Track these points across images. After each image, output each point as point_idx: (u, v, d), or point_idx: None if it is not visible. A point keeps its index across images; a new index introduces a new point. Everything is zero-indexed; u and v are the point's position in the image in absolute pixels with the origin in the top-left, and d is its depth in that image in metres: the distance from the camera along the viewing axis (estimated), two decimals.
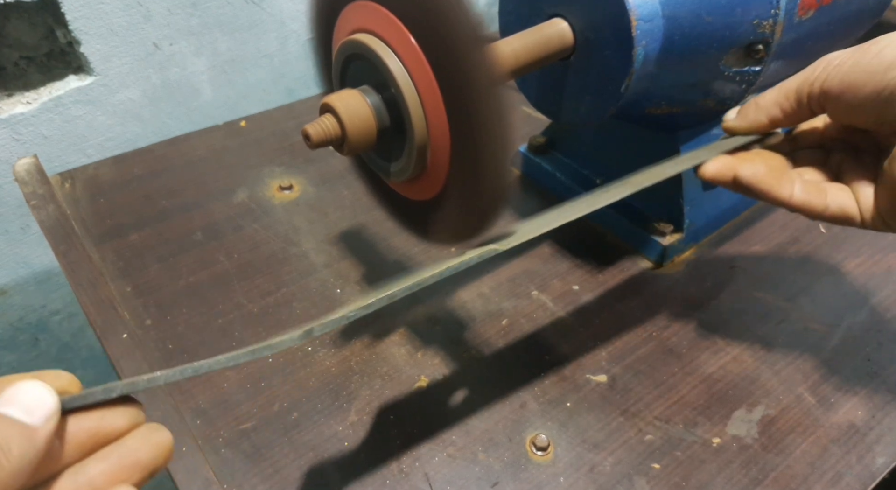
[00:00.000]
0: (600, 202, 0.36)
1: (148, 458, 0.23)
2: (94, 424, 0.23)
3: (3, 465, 0.20)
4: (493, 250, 0.32)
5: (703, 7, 0.39)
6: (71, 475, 0.22)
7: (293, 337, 0.27)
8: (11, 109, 0.65)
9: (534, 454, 0.40)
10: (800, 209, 0.36)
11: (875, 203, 0.35)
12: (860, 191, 0.36)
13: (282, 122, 0.69)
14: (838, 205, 0.36)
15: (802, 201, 0.36)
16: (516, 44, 0.39)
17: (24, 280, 0.76)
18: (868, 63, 0.33)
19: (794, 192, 0.36)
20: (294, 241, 0.55)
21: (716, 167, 0.37)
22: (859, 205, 0.36)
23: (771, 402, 0.43)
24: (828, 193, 0.36)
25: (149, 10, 0.68)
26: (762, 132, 0.39)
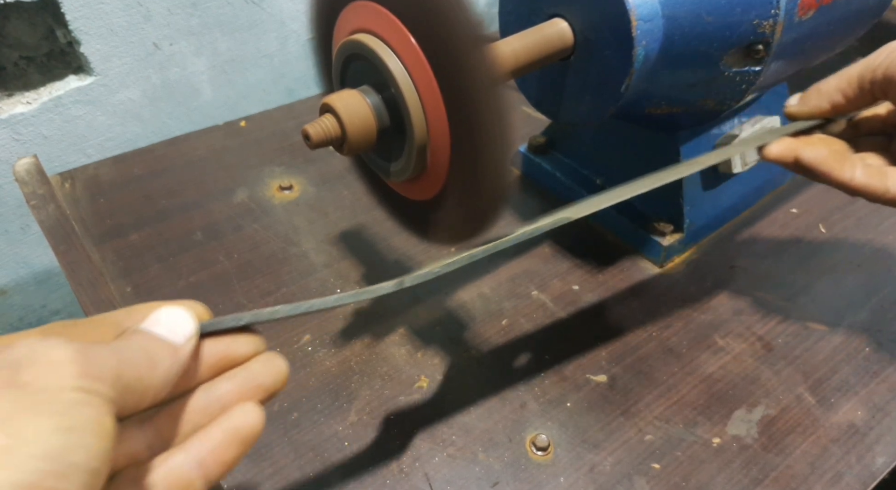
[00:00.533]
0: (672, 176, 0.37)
1: (269, 381, 0.26)
2: (224, 348, 0.26)
3: (152, 375, 0.22)
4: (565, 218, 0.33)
5: (703, 7, 0.39)
6: (204, 391, 0.25)
7: (388, 285, 0.30)
8: (11, 109, 0.65)
9: (534, 454, 0.40)
10: (861, 192, 0.37)
11: None
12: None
13: (282, 122, 0.69)
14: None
15: (863, 184, 0.37)
16: (516, 44, 0.39)
17: (24, 280, 0.76)
18: None
19: (856, 175, 0.37)
20: (294, 241, 0.55)
21: (779, 149, 0.38)
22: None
23: (771, 402, 0.43)
24: (889, 177, 0.37)
25: (149, 10, 0.68)
26: (824, 117, 0.39)
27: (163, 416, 0.24)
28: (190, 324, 0.24)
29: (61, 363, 0.19)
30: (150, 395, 0.22)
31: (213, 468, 0.23)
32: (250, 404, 0.25)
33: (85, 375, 0.19)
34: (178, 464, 0.23)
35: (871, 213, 0.57)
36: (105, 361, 0.20)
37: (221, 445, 0.24)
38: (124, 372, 0.21)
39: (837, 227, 0.56)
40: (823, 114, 0.39)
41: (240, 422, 0.24)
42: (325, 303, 0.28)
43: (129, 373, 0.21)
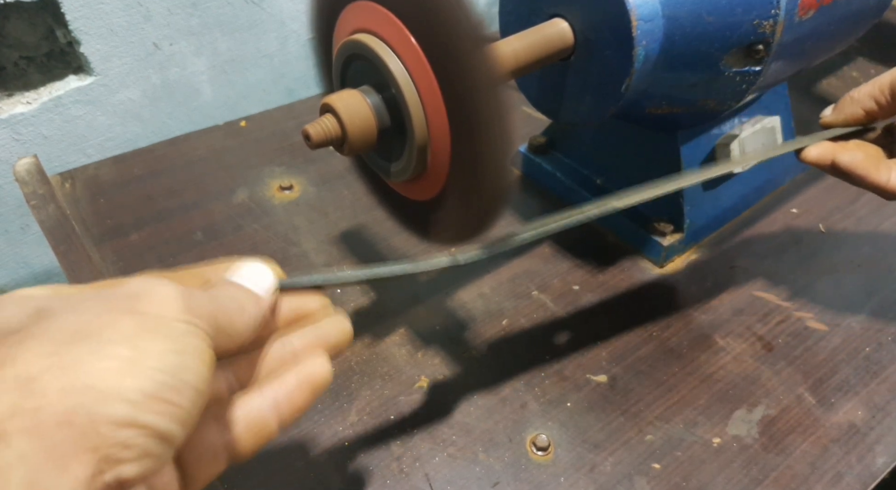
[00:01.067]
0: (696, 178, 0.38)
1: (337, 338, 0.28)
2: (298, 305, 0.28)
3: (240, 320, 0.24)
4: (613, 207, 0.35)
5: (704, 7, 0.39)
6: (279, 342, 0.27)
7: (441, 260, 0.31)
8: (11, 109, 0.65)
9: (534, 454, 0.40)
10: (894, 193, 0.38)
11: None
12: None
13: (282, 122, 0.69)
14: None
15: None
16: (516, 44, 0.39)
17: (24, 280, 0.76)
18: None
19: (892, 178, 0.38)
20: (294, 241, 0.55)
21: (817, 152, 0.40)
22: None
23: (771, 402, 0.43)
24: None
25: (149, 10, 0.68)
26: (859, 124, 0.40)
27: (243, 362, 0.27)
28: (271, 278, 0.26)
29: (172, 298, 0.21)
30: (237, 339, 0.24)
31: (287, 411, 0.26)
32: (321, 355, 0.27)
33: (189, 311, 0.21)
34: (256, 405, 0.25)
35: (871, 213, 0.57)
36: (203, 303, 0.23)
37: (295, 390, 0.26)
38: (218, 314, 0.23)
39: (837, 227, 0.56)
40: (858, 120, 0.40)
41: (312, 370, 0.26)
42: (388, 271, 0.30)
43: (222, 316, 0.23)
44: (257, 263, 0.27)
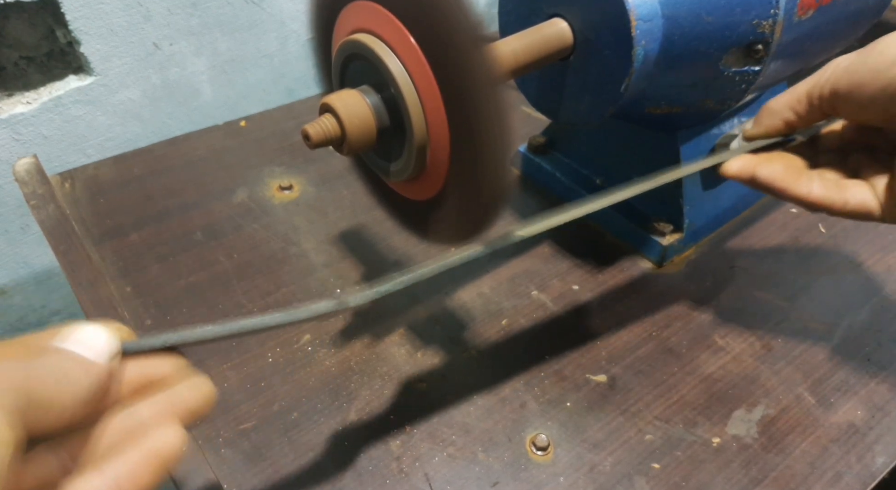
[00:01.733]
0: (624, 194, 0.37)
1: (194, 403, 0.26)
2: (148, 370, 0.26)
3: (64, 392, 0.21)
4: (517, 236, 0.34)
5: (703, 7, 0.39)
6: (124, 413, 0.24)
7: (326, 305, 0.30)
8: (11, 109, 0.65)
9: (534, 454, 0.40)
10: (820, 205, 0.37)
11: (891, 197, 0.36)
12: (877, 185, 0.37)
13: (282, 122, 0.69)
14: (858, 200, 0.37)
15: (821, 197, 0.37)
16: (516, 44, 0.39)
17: (24, 280, 0.76)
18: (873, 62, 0.34)
19: (813, 189, 0.37)
20: (294, 240, 0.55)
21: (737, 166, 0.39)
22: (878, 199, 0.37)
23: (771, 402, 0.43)
24: (847, 189, 0.37)
25: (149, 10, 0.68)
26: (779, 135, 0.40)
27: (80, 439, 0.23)
28: (108, 342, 0.24)
29: None
30: (64, 413, 0.21)
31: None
32: (172, 425, 0.24)
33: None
34: (93, 486, 0.22)
35: None
36: (11, 375, 0.20)
37: (140, 466, 0.23)
38: (33, 386, 0.20)
39: (837, 227, 0.56)
40: (778, 131, 0.40)
41: (160, 442, 0.24)
42: (256, 323, 0.27)
43: (38, 388, 0.20)
44: (94, 327, 0.24)
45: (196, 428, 0.41)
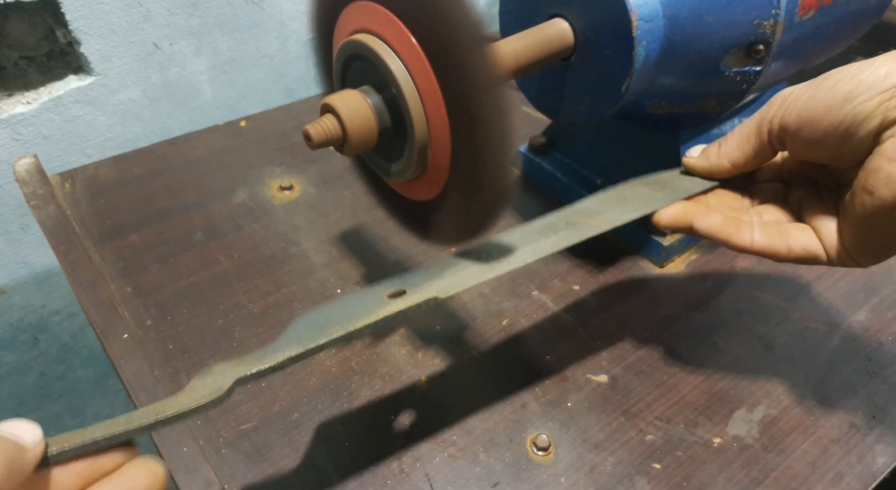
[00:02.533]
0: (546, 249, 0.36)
1: (144, 485, 0.25)
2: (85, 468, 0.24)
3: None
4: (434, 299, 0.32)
5: (704, 7, 0.39)
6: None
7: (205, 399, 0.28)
8: (11, 109, 0.65)
9: (535, 454, 0.40)
10: (762, 254, 0.36)
11: (839, 240, 0.35)
12: (822, 228, 0.35)
13: (282, 122, 0.69)
14: (801, 245, 0.35)
15: (764, 246, 0.36)
16: (517, 44, 0.39)
17: (24, 280, 0.76)
18: (823, 98, 0.32)
19: (755, 239, 0.36)
20: (294, 241, 0.55)
21: (671, 216, 0.38)
22: (823, 243, 0.35)
23: (771, 403, 0.43)
24: (790, 235, 0.36)
25: (149, 10, 0.68)
26: (723, 177, 0.39)
27: None
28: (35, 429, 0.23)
29: None
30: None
31: None
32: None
33: None
34: None
35: None
36: None
37: None
38: None
39: None
40: (724, 173, 0.38)
41: None
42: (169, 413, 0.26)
43: None
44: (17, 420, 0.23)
45: (198, 429, 0.41)
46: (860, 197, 0.32)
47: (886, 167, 0.31)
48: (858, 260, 0.35)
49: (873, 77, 0.31)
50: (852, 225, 0.34)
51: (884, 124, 0.31)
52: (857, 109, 0.31)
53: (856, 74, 0.32)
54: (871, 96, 0.31)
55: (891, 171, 0.30)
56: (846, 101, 0.32)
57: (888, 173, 0.31)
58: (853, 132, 0.32)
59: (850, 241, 0.34)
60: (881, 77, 0.31)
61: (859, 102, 0.31)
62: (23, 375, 0.82)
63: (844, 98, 0.32)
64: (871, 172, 0.31)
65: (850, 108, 0.31)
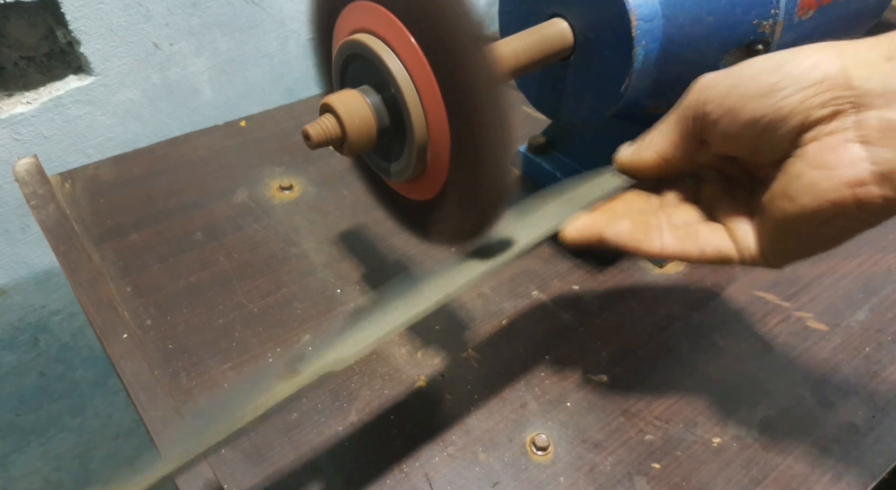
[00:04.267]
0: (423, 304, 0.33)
1: None
2: None
3: None
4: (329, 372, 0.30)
5: (704, 7, 0.39)
6: None
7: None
8: (11, 109, 0.65)
9: (534, 454, 0.40)
10: (674, 258, 0.35)
11: (757, 241, 0.33)
12: (736, 228, 0.34)
13: (282, 122, 0.69)
14: (714, 247, 0.34)
15: (675, 251, 0.34)
16: (516, 44, 0.39)
17: (24, 280, 0.76)
18: (745, 87, 0.30)
19: (666, 244, 0.34)
20: (294, 241, 0.55)
21: (577, 231, 0.35)
22: (736, 243, 0.33)
23: (771, 402, 0.43)
24: (700, 236, 0.34)
25: (149, 10, 0.68)
26: (652, 173, 0.36)
27: None
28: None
29: None
30: None
31: None
32: None
33: None
34: None
35: None
36: None
37: None
38: None
39: None
40: (653, 166, 0.35)
41: None
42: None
43: None
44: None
45: None
46: (780, 202, 0.30)
47: (809, 173, 0.29)
48: (773, 262, 0.33)
49: (798, 69, 0.29)
50: (770, 228, 0.32)
51: (805, 124, 0.29)
52: (779, 104, 0.29)
53: (780, 65, 0.29)
54: (794, 91, 0.29)
55: (813, 177, 0.29)
56: (769, 94, 0.29)
57: (811, 180, 0.29)
58: (774, 128, 0.30)
59: (767, 243, 0.32)
60: (806, 70, 0.29)
61: (782, 97, 0.29)
62: (23, 375, 0.82)
63: (768, 90, 0.29)
64: (793, 178, 0.29)
65: (772, 101, 0.29)
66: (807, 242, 0.31)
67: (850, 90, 0.28)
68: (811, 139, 0.29)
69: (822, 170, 0.28)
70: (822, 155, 0.28)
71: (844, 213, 0.29)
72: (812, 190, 0.29)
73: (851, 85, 0.28)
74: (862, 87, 0.28)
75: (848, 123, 0.28)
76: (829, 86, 0.28)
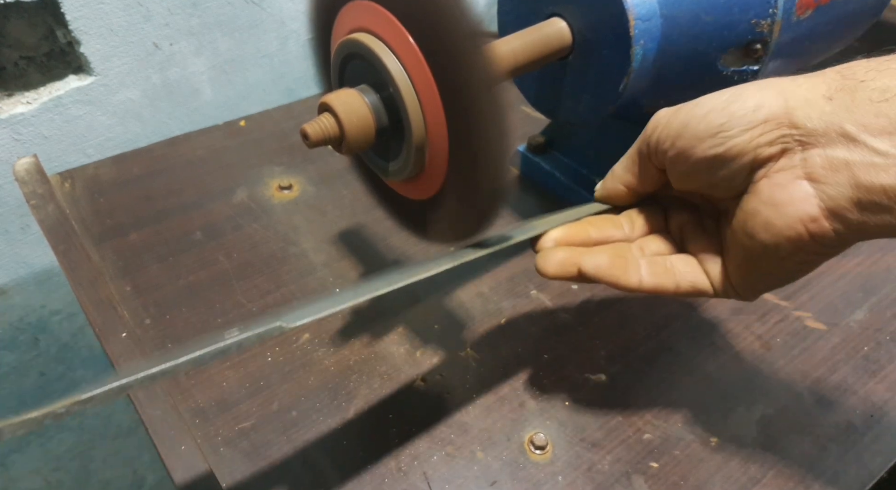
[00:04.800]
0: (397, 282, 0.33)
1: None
2: None
3: None
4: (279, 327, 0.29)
5: (702, 6, 0.39)
6: None
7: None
8: (11, 109, 0.65)
9: (532, 453, 0.40)
10: (651, 293, 0.35)
11: (723, 275, 0.34)
12: (707, 262, 0.34)
13: (281, 122, 0.69)
14: (689, 282, 0.34)
15: (653, 286, 0.34)
16: (515, 43, 0.39)
17: (24, 280, 0.76)
18: (695, 128, 0.31)
19: (643, 279, 0.34)
20: (293, 240, 0.55)
21: (555, 265, 0.35)
22: (708, 276, 0.34)
23: (769, 401, 0.43)
24: (675, 270, 0.35)
25: (149, 10, 0.68)
26: (623, 202, 0.37)
27: None
28: None
29: None
30: None
31: None
32: None
33: None
34: None
35: None
36: None
37: None
38: None
39: None
40: (621, 197, 0.37)
41: None
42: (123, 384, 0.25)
43: None
44: None
45: (196, 427, 0.41)
46: (740, 239, 0.31)
47: (764, 211, 0.30)
48: (744, 295, 0.34)
49: (742, 110, 0.30)
50: (735, 264, 0.33)
51: (756, 162, 0.30)
52: (728, 144, 0.30)
53: (726, 105, 0.30)
54: (741, 131, 0.29)
55: (768, 215, 0.29)
56: (716, 134, 0.30)
57: (765, 218, 0.30)
58: (726, 167, 0.30)
59: (735, 278, 0.33)
60: (750, 110, 0.29)
61: (730, 136, 0.30)
62: (23, 375, 0.82)
63: (716, 130, 0.30)
64: (749, 215, 0.30)
65: (720, 142, 0.30)
66: (772, 275, 0.32)
67: (796, 129, 0.29)
68: (762, 176, 0.30)
69: (775, 207, 0.29)
70: (774, 193, 0.29)
71: (803, 248, 0.29)
72: (768, 228, 0.30)
73: (795, 124, 0.29)
74: (805, 126, 0.28)
75: (795, 161, 0.29)
76: (774, 125, 0.29)
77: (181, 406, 0.42)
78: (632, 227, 0.37)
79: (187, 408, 0.42)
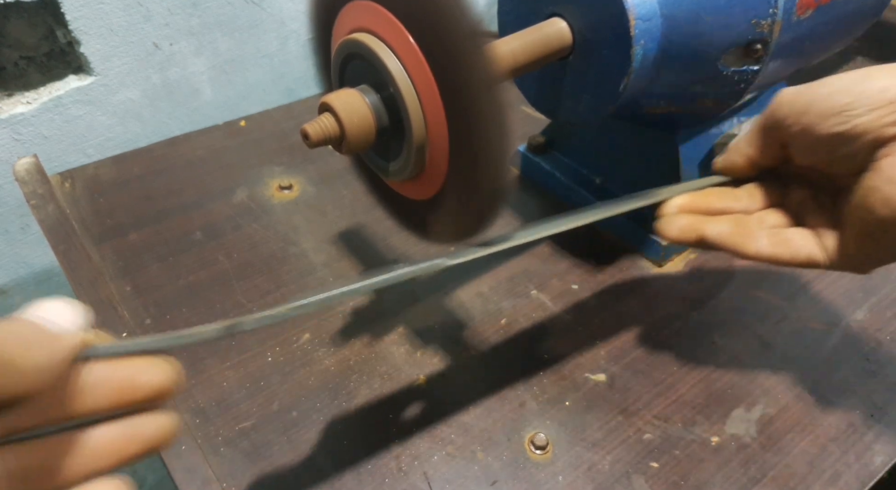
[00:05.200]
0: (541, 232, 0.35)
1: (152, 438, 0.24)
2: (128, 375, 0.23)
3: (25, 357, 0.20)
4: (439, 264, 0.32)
5: (702, 6, 0.39)
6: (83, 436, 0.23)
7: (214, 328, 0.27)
8: (11, 109, 0.65)
9: (532, 453, 0.40)
10: (768, 261, 0.37)
11: (840, 248, 0.35)
12: (823, 235, 0.36)
13: (281, 122, 0.69)
14: (805, 254, 0.36)
15: (770, 254, 0.37)
16: (515, 43, 0.39)
17: (24, 280, 0.76)
18: (820, 106, 0.33)
19: (761, 247, 0.36)
20: (293, 240, 0.55)
21: (678, 228, 0.37)
22: (824, 249, 0.36)
23: (770, 401, 0.43)
24: (792, 242, 0.36)
25: (149, 10, 0.68)
26: (743, 174, 0.39)
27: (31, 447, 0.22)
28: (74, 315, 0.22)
29: None
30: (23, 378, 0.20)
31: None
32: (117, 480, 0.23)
33: None
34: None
35: None
36: None
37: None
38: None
39: None
40: (742, 169, 0.39)
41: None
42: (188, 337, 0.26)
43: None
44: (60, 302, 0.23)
45: (196, 427, 0.41)
46: (859, 213, 0.33)
47: (884, 188, 0.31)
48: (859, 268, 0.36)
49: (870, 91, 0.31)
50: (853, 237, 0.34)
51: (879, 140, 0.31)
52: (853, 122, 0.32)
53: (852, 86, 0.32)
54: (866, 111, 0.31)
55: (888, 192, 0.31)
56: (842, 113, 0.32)
57: (886, 194, 0.31)
58: (849, 145, 0.32)
59: (852, 250, 0.35)
60: (877, 91, 0.31)
61: (855, 115, 0.31)
62: None
63: (841, 109, 0.32)
64: (870, 191, 0.32)
65: (844, 119, 0.32)
66: (888, 250, 0.34)
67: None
68: (884, 155, 0.31)
69: (895, 184, 0.31)
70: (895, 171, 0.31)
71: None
72: (888, 203, 0.31)
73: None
74: None
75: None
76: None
77: (181, 406, 0.42)
78: (751, 201, 0.39)
79: (187, 408, 0.42)
